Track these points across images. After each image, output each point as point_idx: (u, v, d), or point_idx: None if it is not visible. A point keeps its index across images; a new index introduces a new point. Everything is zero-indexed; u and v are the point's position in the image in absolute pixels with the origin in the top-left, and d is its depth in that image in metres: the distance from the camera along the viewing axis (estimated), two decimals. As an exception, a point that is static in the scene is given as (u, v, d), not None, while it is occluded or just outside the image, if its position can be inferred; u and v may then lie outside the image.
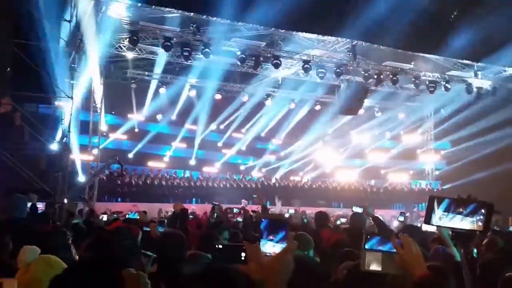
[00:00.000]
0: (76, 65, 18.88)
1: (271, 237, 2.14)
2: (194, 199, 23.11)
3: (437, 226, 2.22)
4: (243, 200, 21.68)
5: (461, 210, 2.08)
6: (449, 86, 22.20)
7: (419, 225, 9.37)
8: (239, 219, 10.61)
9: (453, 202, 2.13)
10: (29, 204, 9.10)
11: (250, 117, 27.25)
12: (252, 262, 2.02)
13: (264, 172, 28.89)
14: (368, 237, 2.61)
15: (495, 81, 23.16)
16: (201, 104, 25.31)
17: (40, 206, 11.97)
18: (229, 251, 2.75)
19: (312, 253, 5.59)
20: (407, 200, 25.92)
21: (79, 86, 19.74)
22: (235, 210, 11.53)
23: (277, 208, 18.85)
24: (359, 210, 7.84)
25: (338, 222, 11.71)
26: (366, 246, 2.57)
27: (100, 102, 20.78)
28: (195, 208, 19.22)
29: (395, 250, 2.42)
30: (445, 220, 2.13)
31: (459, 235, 2.14)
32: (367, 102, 24.90)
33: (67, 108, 19.80)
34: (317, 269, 5.31)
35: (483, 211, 2.05)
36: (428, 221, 2.18)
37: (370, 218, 7.30)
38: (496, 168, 22.57)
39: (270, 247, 2.12)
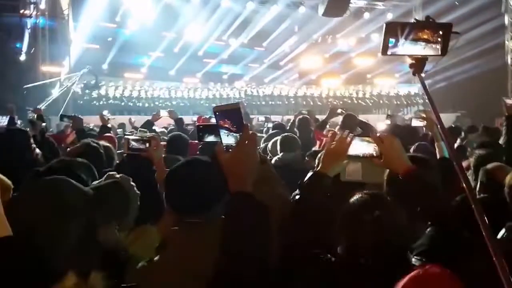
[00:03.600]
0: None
1: (226, 128, 1.81)
2: (176, 111, 22.26)
3: (397, 54, 2.03)
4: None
5: (421, 36, 1.95)
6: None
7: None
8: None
9: (412, 28, 1.95)
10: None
11: (231, 23, 25.84)
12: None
13: (248, 80, 28.01)
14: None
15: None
16: (179, 9, 23.90)
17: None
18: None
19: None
20: (393, 104, 25.47)
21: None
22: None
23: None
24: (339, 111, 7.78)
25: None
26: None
27: (68, 8, 19.37)
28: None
29: (375, 153, 2.33)
30: (406, 48, 1.97)
31: (419, 62, 1.98)
32: (353, 3, 23.66)
33: (33, 15, 18.65)
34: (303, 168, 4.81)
35: (441, 33, 1.94)
36: (385, 51, 1.98)
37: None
38: (484, 67, 21.95)
39: (228, 138, 1.81)
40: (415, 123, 6.30)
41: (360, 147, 2.38)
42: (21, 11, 18.79)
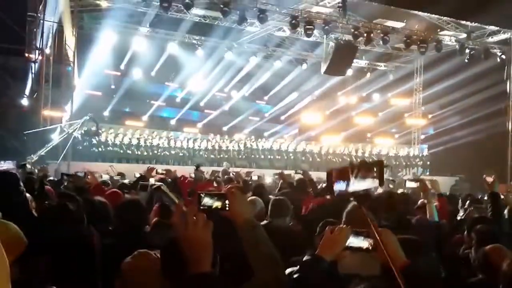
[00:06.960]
0: (46, 15, 17.75)
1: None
2: (174, 160, 22.22)
3: (344, 193, 2.31)
4: (225, 163, 20.94)
5: (360, 174, 2.22)
6: (441, 47, 21.27)
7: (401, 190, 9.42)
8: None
9: (351, 170, 2.22)
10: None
11: (234, 76, 26.18)
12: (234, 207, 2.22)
13: (247, 133, 28.07)
14: None
15: (488, 44, 22.22)
16: (183, 61, 24.20)
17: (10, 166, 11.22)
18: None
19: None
20: (392, 165, 25.31)
21: (50, 37, 18.70)
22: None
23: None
24: None
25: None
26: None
27: (73, 55, 19.50)
28: (176, 169, 18.32)
29: (370, 247, 2.43)
30: (349, 186, 2.24)
31: (358, 196, 2.28)
32: (355, 62, 23.97)
33: (38, 60, 18.76)
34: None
35: (375, 169, 2.19)
36: (332, 193, 2.43)
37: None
38: (485, 132, 21.98)
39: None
40: (409, 184, 6.96)
41: (357, 240, 2.49)
42: (27, 55, 18.93)
